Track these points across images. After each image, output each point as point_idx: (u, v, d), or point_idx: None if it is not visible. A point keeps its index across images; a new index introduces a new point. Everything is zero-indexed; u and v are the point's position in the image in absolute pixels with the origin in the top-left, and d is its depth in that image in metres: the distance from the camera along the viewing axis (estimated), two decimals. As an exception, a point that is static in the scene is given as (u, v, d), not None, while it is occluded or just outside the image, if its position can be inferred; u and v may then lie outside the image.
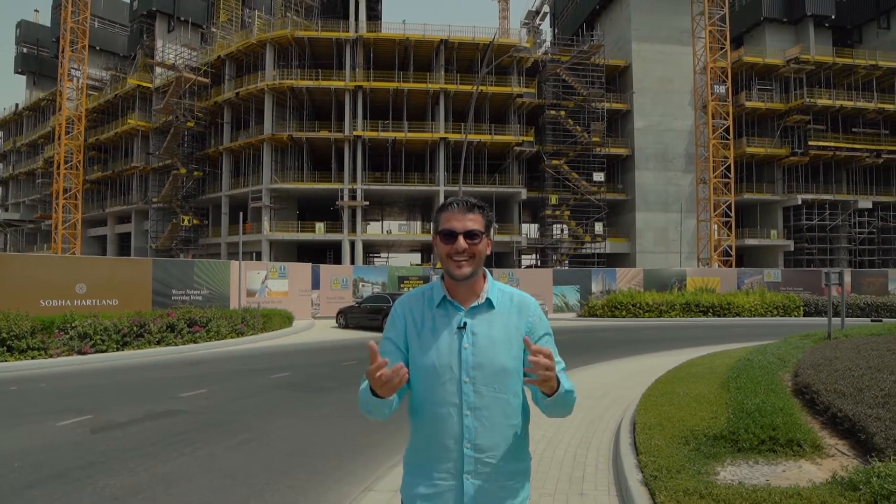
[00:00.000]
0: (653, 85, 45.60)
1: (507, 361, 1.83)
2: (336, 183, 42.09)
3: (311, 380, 10.71)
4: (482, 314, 1.87)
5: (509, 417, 1.83)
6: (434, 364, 1.82)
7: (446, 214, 1.89)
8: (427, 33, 42.17)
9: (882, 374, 6.57)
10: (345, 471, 5.51)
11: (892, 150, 46.80)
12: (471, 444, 1.79)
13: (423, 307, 1.92)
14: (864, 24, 52.24)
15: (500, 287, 1.95)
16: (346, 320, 21.94)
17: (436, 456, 1.83)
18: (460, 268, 1.83)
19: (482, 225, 1.88)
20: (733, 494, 3.78)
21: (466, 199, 1.91)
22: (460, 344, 1.83)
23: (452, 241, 1.84)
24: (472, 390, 1.80)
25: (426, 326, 1.88)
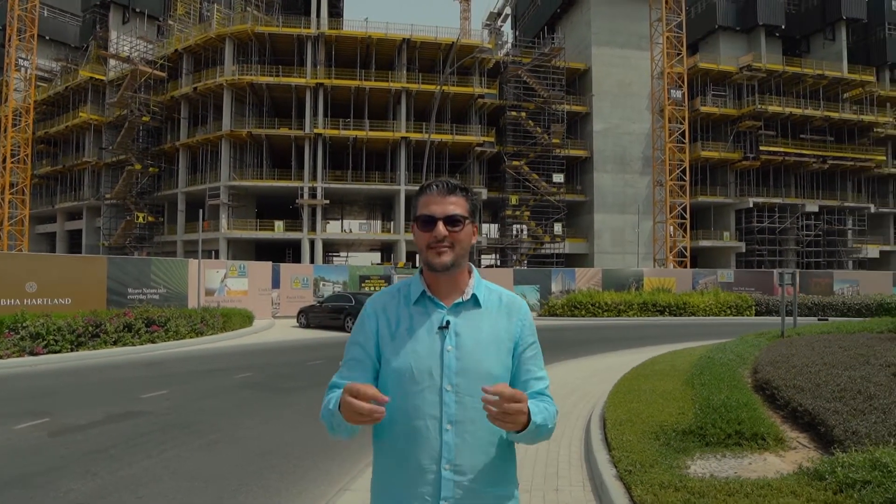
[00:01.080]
0: (612, 88, 46.41)
1: (495, 367, 1.59)
2: (296, 181, 41.59)
3: (276, 380, 10.58)
4: (467, 312, 1.63)
5: (496, 434, 1.58)
6: (411, 369, 1.57)
7: (424, 198, 1.65)
8: (389, 32, 42.03)
9: (836, 369, 6.85)
10: (319, 470, 5.46)
11: (837, 156, 48.69)
12: (450, 464, 1.53)
13: (398, 305, 1.67)
14: (811, 34, 54.17)
15: (488, 285, 1.72)
16: (308, 320, 21.71)
17: (410, 479, 1.55)
18: (440, 256, 1.59)
19: (465, 209, 1.64)
20: (707, 487, 3.89)
21: (447, 180, 1.68)
22: (442, 346, 1.58)
23: (431, 227, 1.60)
24: (454, 400, 1.55)
25: (402, 326, 1.63)
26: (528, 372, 1.67)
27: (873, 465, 3.68)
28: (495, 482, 1.58)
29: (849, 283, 33.46)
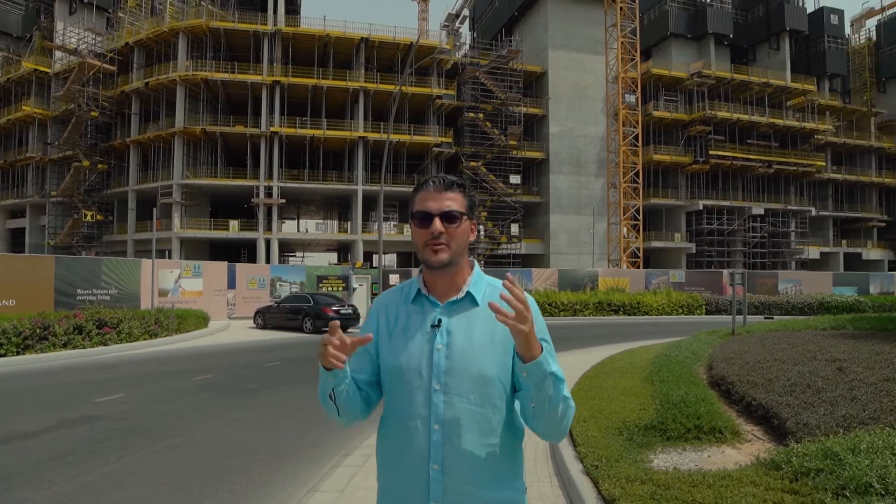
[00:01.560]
0: (568, 92, 47.11)
1: (488, 368, 1.54)
2: (251, 180, 40.91)
3: (235, 381, 10.45)
4: (461, 311, 1.60)
5: (486, 436, 1.53)
6: (402, 367, 1.57)
7: (421, 195, 1.63)
8: (348, 30, 41.75)
9: (787, 365, 7.17)
10: (286, 472, 5.42)
11: (781, 161, 50.58)
12: (438, 465, 1.51)
13: (398, 303, 1.68)
14: (757, 44, 56.20)
15: (491, 281, 1.68)
16: (265, 321, 21.45)
17: (401, 478, 1.56)
18: (436, 254, 1.56)
19: (463, 205, 1.62)
20: (671, 479, 4.04)
21: (444, 176, 1.65)
22: (432, 345, 1.56)
23: (427, 224, 1.58)
24: (442, 400, 1.53)
25: (399, 324, 1.63)
26: None
27: (825, 454, 3.89)
28: (490, 485, 1.53)
29: (792, 283, 34.82)
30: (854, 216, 57.19)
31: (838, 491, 3.43)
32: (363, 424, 7.12)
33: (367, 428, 6.90)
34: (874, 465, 3.55)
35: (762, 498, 3.49)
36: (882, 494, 3.27)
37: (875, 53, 63.87)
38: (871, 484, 3.36)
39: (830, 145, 55.59)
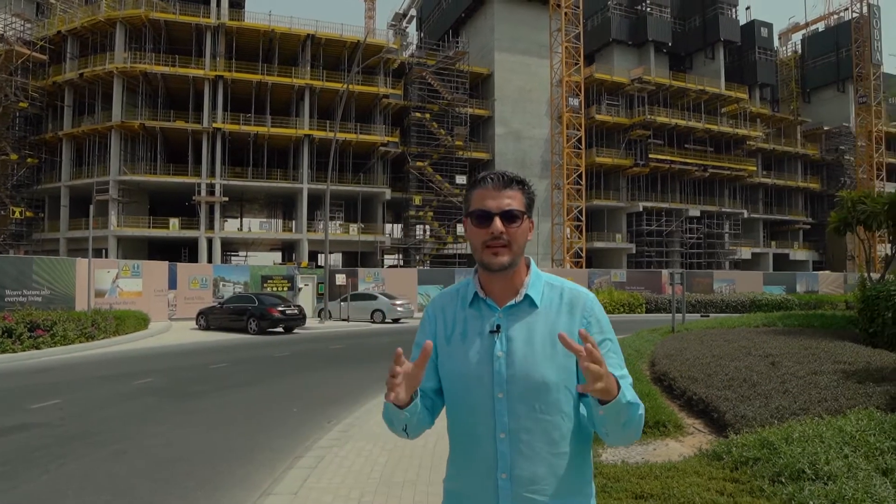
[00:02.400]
0: (513, 94, 47.77)
1: (551, 374, 1.47)
2: (193, 177, 39.81)
3: (180, 385, 10.22)
4: (521, 314, 1.52)
5: (556, 444, 1.47)
6: (462, 375, 1.51)
7: (479, 192, 1.54)
8: (294, 27, 41.16)
9: (724, 361, 7.55)
10: (237, 476, 5.35)
11: (716, 165, 52.70)
12: (507, 473, 1.45)
13: (455, 307, 1.60)
14: (694, 53, 58.41)
15: (549, 279, 1.60)
16: (208, 322, 20.99)
17: (469, 485, 1.50)
18: (497, 256, 1.49)
19: (522, 203, 1.53)
20: (620, 472, 4.23)
21: (503, 172, 1.56)
22: (492, 352, 1.49)
23: (486, 224, 1.50)
24: (506, 408, 1.46)
25: (456, 330, 1.57)
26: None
27: (762, 444, 4.17)
28: (560, 493, 1.47)
29: (726, 283, 36.34)
30: (782, 219, 60.12)
31: (774, 478, 3.69)
32: (304, 430, 7.07)
33: (315, 431, 6.91)
34: (806, 452, 3.83)
35: (706, 487, 3.71)
36: (813, 479, 3.54)
37: (801, 65, 67.44)
38: (803, 470, 3.63)
39: (761, 151, 58.25)
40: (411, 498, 4.61)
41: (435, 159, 44.59)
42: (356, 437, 6.48)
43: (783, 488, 3.51)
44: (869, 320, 9.32)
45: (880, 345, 8.53)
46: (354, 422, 7.22)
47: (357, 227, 42.98)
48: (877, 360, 6.80)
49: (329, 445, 6.11)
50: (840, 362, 6.81)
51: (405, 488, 4.83)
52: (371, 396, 8.93)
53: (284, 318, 19.85)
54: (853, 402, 5.08)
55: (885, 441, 3.91)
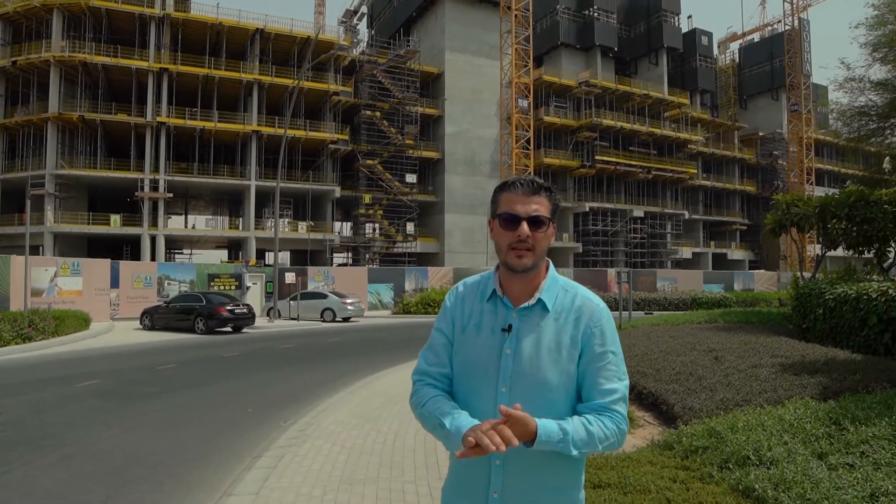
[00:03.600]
0: (463, 94, 48.07)
1: (553, 376, 1.57)
2: (136, 172, 38.52)
3: (127, 386, 9.96)
4: (532, 317, 1.62)
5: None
6: (471, 364, 1.62)
7: (508, 196, 1.62)
8: (242, 20, 40.34)
9: (671, 356, 7.89)
10: (195, 478, 5.29)
11: (659, 167, 54.35)
12: (500, 460, 1.56)
13: (475, 299, 1.70)
14: (639, 58, 60.06)
15: (564, 284, 1.68)
16: (153, 321, 20.47)
17: (467, 465, 1.59)
18: (521, 258, 1.58)
19: (548, 210, 1.62)
20: (578, 462, 4.41)
21: (532, 178, 1.64)
22: (501, 348, 1.59)
23: (514, 227, 1.58)
24: (507, 402, 1.54)
25: (472, 321, 1.66)
26: (595, 384, 1.59)
27: (710, 433, 4.43)
28: (551, 486, 1.58)
29: (669, 281, 37.56)
30: (721, 220, 62.46)
31: (722, 464, 3.94)
32: (261, 430, 7.01)
33: (271, 431, 6.88)
34: (750, 440, 4.10)
35: (659, 475, 3.93)
36: (757, 464, 3.80)
37: (738, 73, 70.32)
38: (748, 456, 3.90)
39: (701, 155, 60.36)
40: (374, 495, 4.67)
41: (385, 158, 44.48)
42: (314, 436, 6.49)
43: (731, 474, 3.76)
44: (802, 317, 9.87)
45: (812, 339, 9.06)
46: (311, 421, 7.22)
47: (306, 225, 42.49)
48: (810, 354, 7.24)
49: (287, 445, 6.10)
50: (777, 356, 7.23)
51: (367, 485, 4.88)
52: (326, 396, 8.94)
53: (233, 318, 19.54)
54: (790, 392, 5.42)
55: (819, 428, 4.22)
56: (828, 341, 8.64)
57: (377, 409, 7.90)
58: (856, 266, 14.32)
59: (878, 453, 3.70)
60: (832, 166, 65.64)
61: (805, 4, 61.27)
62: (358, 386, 9.78)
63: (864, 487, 3.27)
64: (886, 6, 13.79)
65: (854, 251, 12.87)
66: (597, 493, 3.77)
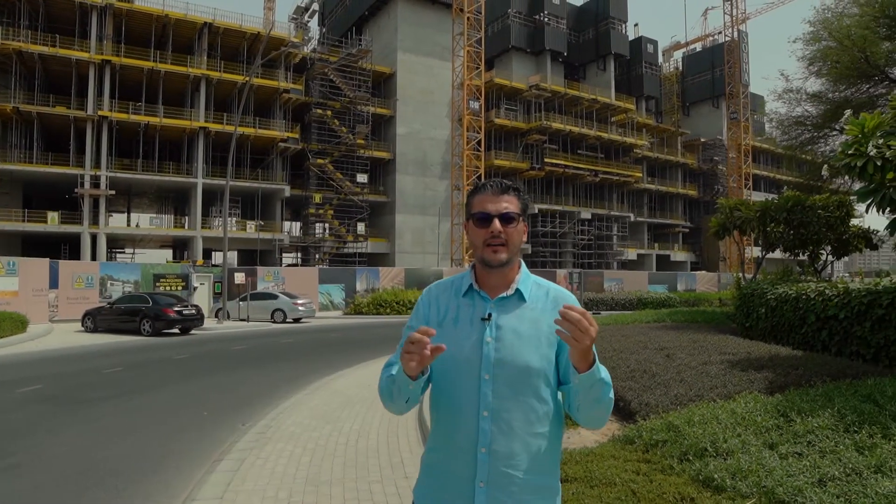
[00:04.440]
0: (415, 95, 48.13)
1: (534, 360, 1.63)
2: (75, 167, 37.02)
3: (73, 391, 9.61)
4: (511, 306, 1.70)
5: (532, 425, 1.63)
6: (453, 356, 1.65)
7: (479, 197, 1.74)
8: (190, 13, 39.34)
9: (624, 354, 8.15)
10: (154, 483, 5.19)
11: (606, 171, 55.67)
12: (486, 448, 1.61)
13: (449, 296, 1.77)
14: (587, 63, 61.44)
15: (536, 280, 1.79)
16: (95, 323, 19.77)
17: (449, 458, 1.66)
18: (496, 253, 1.68)
19: (518, 207, 1.73)
20: (543, 457, 4.55)
21: (500, 180, 1.76)
22: (482, 337, 1.66)
23: (487, 224, 1.69)
24: (490, 389, 1.62)
25: (449, 316, 1.73)
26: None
27: (668, 427, 4.63)
28: (532, 470, 1.62)
29: (615, 282, 38.42)
30: (664, 222, 64.44)
31: (682, 456, 4.14)
32: (218, 434, 6.92)
33: (230, 434, 6.79)
34: (706, 433, 4.32)
35: (623, 468, 4.09)
36: (714, 456, 4.01)
37: (681, 81, 72.72)
38: (706, 448, 4.10)
39: (646, 159, 62.15)
40: (341, 495, 4.69)
41: (336, 157, 44.13)
42: (275, 438, 6.46)
43: (690, 465, 3.95)
44: (745, 315, 10.33)
45: (755, 337, 9.50)
46: (270, 423, 7.17)
47: (255, 224, 41.74)
48: (755, 351, 7.61)
49: (248, 448, 6.05)
50: (725, 353, 7.57)
51: (334, 486, 4.90)
52: (283, 397, 8.87)
53: (181, 319, 19.06)
54: (739, 387, 5.70)
55: (769, 420, 4.48)
56: (770, 339, 9.08)
57: (337, 410, 7.90)
58: (792, 267, 15.08)
59: (823, 442, 3.97)
60: (768, 172, 68.67)
61: (744, 17, 63.81)
62: (315, 387, 9.74)
63: (813, 474, 3.51)
64: (821, 23, 14.58)
65: (790, 253, 13.54)
66: (564, 487, 3.89)
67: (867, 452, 3.72)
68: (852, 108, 11.40)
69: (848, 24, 13.67)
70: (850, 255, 14.14)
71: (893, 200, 5.76)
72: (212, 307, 26.14)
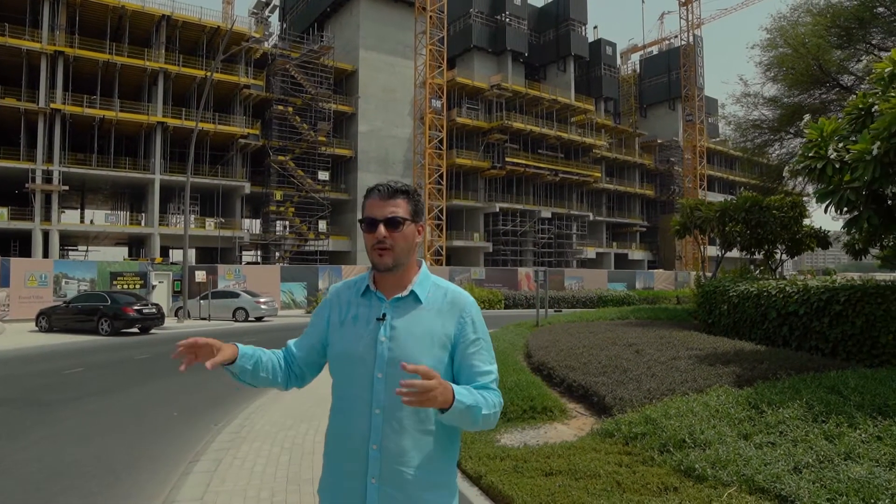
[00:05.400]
0: (377, 92, 47.91)
1: (427, 361, 1.63)
2: (26, 162, 35.61)
3: (32, 393, 9.33)
4: (405, 307, 1.73)
5: (423, 422, 1.67)
6: (348, 354, 1.72)
7: (369, 201, 1.76)
8: (147, 5, 38.25)
9: (595, 350, 8.34)
10: (128, 486, 5.09)
11: (566, 170, 56.42)
12: (377, 445, 1.64)
13: (350, 296, 1.81)
14: (548, 64, 62.13)
15: (437, 281, 1.80)
16: (50, 323, 19.16)
17: (342, 453, 1.70)
18: (381, 257, 1.70)
19: (407, 211, 1.74)
20: (526, 453, 4.66)
21: (390, 184, 1.76)
22: (376, 336, 1.69)
23: (373, 229, 1.71)
24: (383, 387, 1.65)
25: (349, 315, 1.77)
26: (472, 367, 1.71)
27: (646, 420, 4.79)
28: (425, 468, 1.66)
29: (576, 280, 39.09)
30: (622, 221, 65.65)
31: (662, 448, 4.30)
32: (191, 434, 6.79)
33: (202, 434, 6.72)
34: (683, 425, 4.49)
35: (605, 460, 4.23)
36: (693, 447, 4.18)
37: (639, 83, 74.21)
38: (684, 440, 4.27)
39: (605, 159, 63.22)
40: (324, 492, 4.70)
41: (297, 154, 43.60)
42: (250, 437, 6.41)
43: (671, 456, 4.11)
44: (707, 312, 10.68)
45: (718, 333, 9.83)
46: (244, 423, 7.11)
47: (214, 221, 40.93)
48: (720, 346, 7.89)
49: (224, 448, 5.99)
50: (692, 348, 7.82)
51: (316, 485, 4.89)
52: (253, 397, 8.77)
53: (141, 318, 18.63)
54: (709, 381, 5.92)
55: (741, 412, 4.68)
56: (732, 334, 9.41)
57: (311, 409, 7.88)
58: (749, 266, 15.61)
59: (794, 432, 4.17)
60: (722, 173, 70.64)
61: (699, 22, 65.48)
62: (285, 386, 9.65)
63: (788, 462, 3.69)
64: (777, 31, 15.13)
65: (747, 252, 14.02)
66: (549, 480, 4.01)
67: (836, 441, 3.93)
68: (806, 112, 11.88)
69: (802, 32, 14.22)
70: (801, 254, 14.71)
71: (851, 201, 6.05)
72: (171, 306, 25.59)
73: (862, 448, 3.75)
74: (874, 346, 6.97)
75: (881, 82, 6.00)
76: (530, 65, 60.87)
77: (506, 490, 3.85)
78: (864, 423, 4.12)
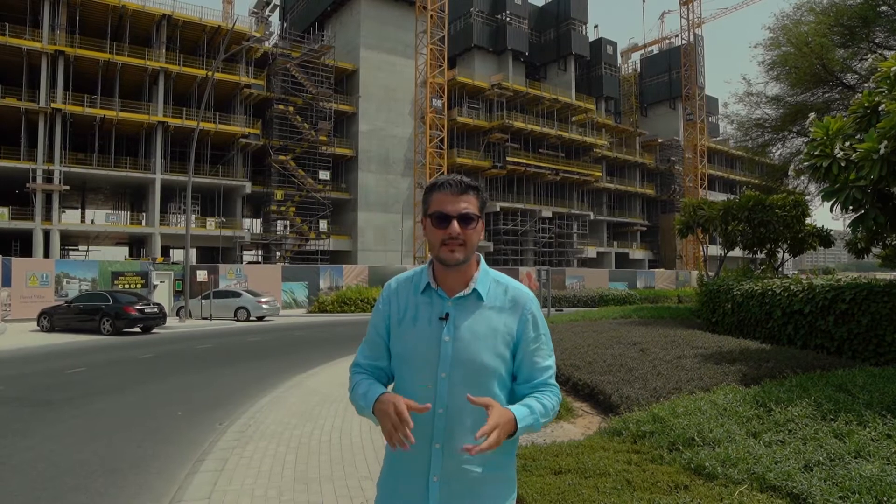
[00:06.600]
0: (378, 92, 47.90)
1: (489, 360, 1.67)
2: (27, 162, 35.60)
3: (37, 393, 9.32)
4: (468, 306, 1.72)
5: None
6: (410, 354, 1.71)
7: (438, 196, 1.72)
8: (148, 5, 38.24)
9: (600, 349, 8.34)
10: (135, 485, 5.08)
11: (567, 170, 56.41)
12: (440, 444, 1.65)
13: (408, 293, 1.79)
14: (548, 63, 62.11)
15: (496, 277, 1.79)
16: (52, 322, 19.17)
17: (406, 452, 1.63)
18: (453, 253, 1.68)
19: (477, 207, 1.72)
20: (535, 452, 4.64)
21: (460, 178, 1.73)
22: (440, 336, 1.68)
23: (445, 225, 1.67)
24: (447, 387, 1.66)
25: (408, 314, 1.75)
26: (534, 364, 1.74)
27: (654, 418, 4.79)
28: (488, 465, 1.67)
29: (577, 279, 39.09)
30: (623, 221, 65.65)
31: (671, 446, 4.29)
32: (196, 434, 6.80)
33: (207, 434, 6.71)
34: (692, 423, 4.48)
35: (614, 459, 4.22)
36: (702, 445, 4.17)
37: (640, 82, 74.21)
38: (693, 438, 4.26)
39: (606, 158, 63.19)
40: (332, 492, 4.67)
41: (298, 153, 43.62)
42: (256, 437, 6.39)
43: (680, 454, 4.10)
44: (711, 311, 10.67)
45: (721, 332, 9.83)
46: (249, 422, 7.09)
47: (215, 221, 40.94)
48: (725, 345, 7.88)
49: (229, 447, 5.97)
50: (696, 347, 7.82)
51: (323, 483, 4.87)
52: (256, 396, 8.78)
53: (143, 318, 18.64)
54: (715, 380, 5.92)
55: (749, 410, 4.67)
56: (736, 333, 9.41)
57: (316, 408, 7.86)
58: (749, 265, 15.62)
59: (803, 430, 4.17)
60: (723, 172, 70.66)
61: (699, 22, 65.46)
62: (289, 385, 9.66)
63: (798, 460, 3.69)
64: (780, 30, 15.14)
65: (749, 251, 14.02)
66: (559, 478, 4.00)
67: (846, 439, 3.92)
68: (809, 111, 11.89)
69: (805, 31, 14.23)
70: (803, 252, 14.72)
71: (857, 200, 6.05)
72: (173, 305, 25.59)
73: (872, 446, 3.74)
74: (880, 344, 6.97)
75: (887, 81, 5.99)
76: (531, 64, 60.89)
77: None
78: (874, 421, 4.12)
